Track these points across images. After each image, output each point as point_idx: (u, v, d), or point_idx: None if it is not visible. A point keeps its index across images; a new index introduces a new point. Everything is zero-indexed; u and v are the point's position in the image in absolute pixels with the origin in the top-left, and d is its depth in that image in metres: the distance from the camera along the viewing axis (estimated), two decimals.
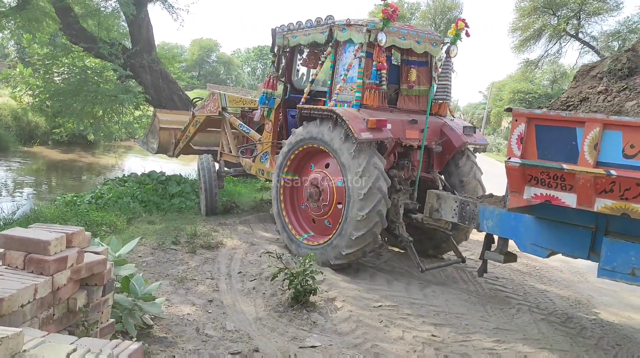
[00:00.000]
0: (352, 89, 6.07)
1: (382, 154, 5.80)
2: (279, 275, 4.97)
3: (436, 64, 6.76)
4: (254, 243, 6.85)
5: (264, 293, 5.23)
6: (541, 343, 4.60)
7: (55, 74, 12.50)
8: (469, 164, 6.61)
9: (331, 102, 6.26)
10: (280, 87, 7.74)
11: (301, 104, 6.55)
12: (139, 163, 15.84)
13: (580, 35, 28.45)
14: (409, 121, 6.19)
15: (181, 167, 13.74)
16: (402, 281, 5.91)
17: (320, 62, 6.71)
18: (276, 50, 7.45)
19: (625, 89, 4.03)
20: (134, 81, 12.33)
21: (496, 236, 5.17)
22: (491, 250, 5.22)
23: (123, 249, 4.16)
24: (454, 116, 7.15)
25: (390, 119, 5.92)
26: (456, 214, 5.46)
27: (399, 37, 6.17)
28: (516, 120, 4.00)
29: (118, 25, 13.02)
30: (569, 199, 3.86)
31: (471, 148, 6.68)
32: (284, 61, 7.50)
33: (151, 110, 12.66)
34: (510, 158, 4.04)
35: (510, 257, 5.10)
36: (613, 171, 3.54)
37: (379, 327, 4.64)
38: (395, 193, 6.00)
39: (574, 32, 28.36)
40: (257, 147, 7.94)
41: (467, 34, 6.37)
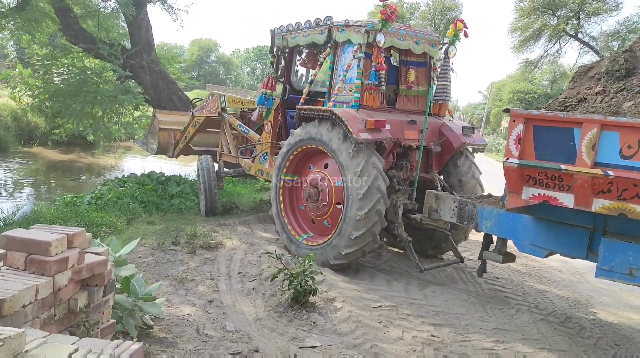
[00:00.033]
0: (351, 90, 6.08)
1: (380, 154, 5.81)
2: (278, 275, 4.99)
3: (435, 64, 6.79)
4: (254, 243, 6.86)
5: (263, 293, 5.24)
6: (540, 343, 4.61)
7: (55, 74, 12.47)
8: (467, 163, 6.62)
9: (330, 102, 6.27)
10: (279, 88, 7.76)
11: (300, 104, 6.56)
12: (138, 163, 15.84)
13: (580, 35, 28.51)
14: (408, 122, 6.20)
15: (181, 167, 13.75)
16: (401, 282, 5.92)
17: (319, 63, 6.73)
18: (275, 51, 7.46)
19: (622, 89, 4.05)
20: (133, 81, 12.32)
21: (495, 237, 5.18)
22: (490, 250, 5.23)
23: (123, 250, 4.17)
24: (452, 117, 7.17)
25: (389, 119, 5.94)
26: (455, 214, 5.48)
27: (397, 38, 6.19)
28: (514, 121, 4.01)
29: (117, 26, 12.99)
30: (566, 200, 3.87)
31: (470, 148, 6.69)
32: (283, 62, 7.51)
33: (150, 111, 12.65)
34: (508, 159, 4.05)
35: (509, 257, 5.12)
36: (610, 172, 3.55)
37: (378, 327, 4.66)
38: (394, 193, 6.02)
39: (573, 32, 28.41)
40: (256, 147, 7.96)
41: (466, 35, 6.39)
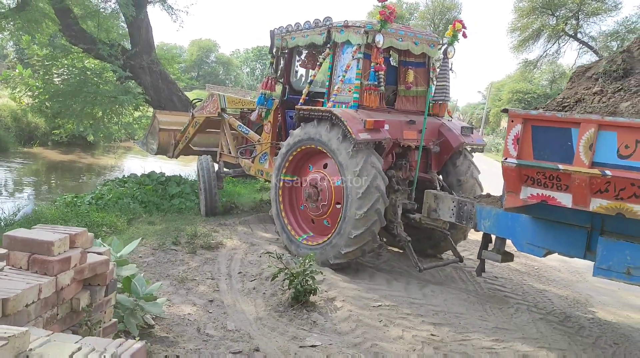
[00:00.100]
0: (350, 90, 6.10)
1: (380, 154, 5.83)
2: (279, 275, 5.01)
3: (434, 65, 6.81)
4: (254, 243, 6.89)
5: (264, 293, 5.26)
6: (540, 342, 4.64)
7: (55, 75, 12.48)
8: (466, 163, 6.65)
9: (329, 103, 6.30)
10: (279, 88, 7.78)
11: (299, 105, 6.59)
12: (138, 163, 15.86)
13: (579, 35, 28.54)
14: (407, 122, 6.23)
15: (181, 168, 13.76)
16: (401, 281, 5.94)
17: (319, 64, 6.75)
18: (275, 51, 7.48)
19: (620, 90, 4.07)
20: (133, 81, 12.33)
21: (494, 236, 5.21)
22: (488, 249, 5.26)
23: (125, 249, 4.20)
24: (452, 117, 7.19)
25: (388, 119, 5.96)
26: (454, 214, 5.50)
27: (396, 39, 6.21)
28: (512, 121, 4.03)
29: (117, 27, 12.99)
30: (564, 199, 3.89)
31: (469, 148, 6.72)
32: (282, 62, 7.53)
33: (150, 111, 12.66)
34: (506, 159, 4.07)
35: (508, 256, 5.14)
36: (608, 171, 3.57)
37: (378, 326, 4.68)
38: (393, 193, 6.04)
39: (572, 32, 28.44)
40: (256, 148, 7.98)
41: (465, 35, 6.42)
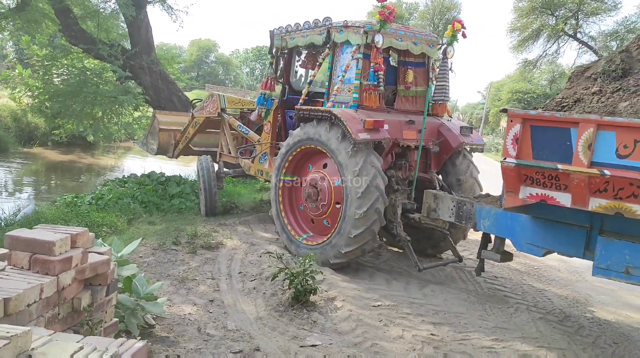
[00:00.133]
0: (350, 90, 6.12)
1: (379, 154, 5.84)
2: (279, 275, 5.02)
3: (433, 65, 6.82)
4: (254, 243, 6.90)
5: (264, 293, 5.27)
6: (539, 341, 4.65)
7: (55, 75, 12.49)
8: (465, 163, 6.66)
9: (329, 103, 6.31)
10: (279, 89, 7.79)
11: (299, 105, 6.60)
12: (138, 163, 15.87)
13: (579, 35, 28.54)
14: (407, 122, 6.24)
15: (181, 168, 13.77)
16: (401, 281, 5.96)
17: (318, 64, 6.76)
18: (274, 51, 7.49)
19: (618, 90, 4.08)
20: (133, 82, 12.34)
21: (493, 236, 5.22)
22: (488, 249, 5.27)
23: (125, 249, 4.21)
24: (451, 117, 7.20)
25: (388, 119, 5.98)
26: (453, 214, 5.51)
27: (396, 39, 6.22)
28: (511, 121, 4.04)
29: (117, 27, 13.00)
30: (563, 199, 3.90)
31: (468, 148, 6.73)
32: (282, 63, 7.54)
33: (150, 111, 12.66)
34: (505, 158, 4.08)
35: (507, 256, 5.15)
36: (607, 171, 3.58)
37: (378, 326, 4.69)
38: (392, 193, 6.05)
39: (572, 32, 28.45)
40: (255, 148, 7.99)
41: (464, 35, 6.43)
